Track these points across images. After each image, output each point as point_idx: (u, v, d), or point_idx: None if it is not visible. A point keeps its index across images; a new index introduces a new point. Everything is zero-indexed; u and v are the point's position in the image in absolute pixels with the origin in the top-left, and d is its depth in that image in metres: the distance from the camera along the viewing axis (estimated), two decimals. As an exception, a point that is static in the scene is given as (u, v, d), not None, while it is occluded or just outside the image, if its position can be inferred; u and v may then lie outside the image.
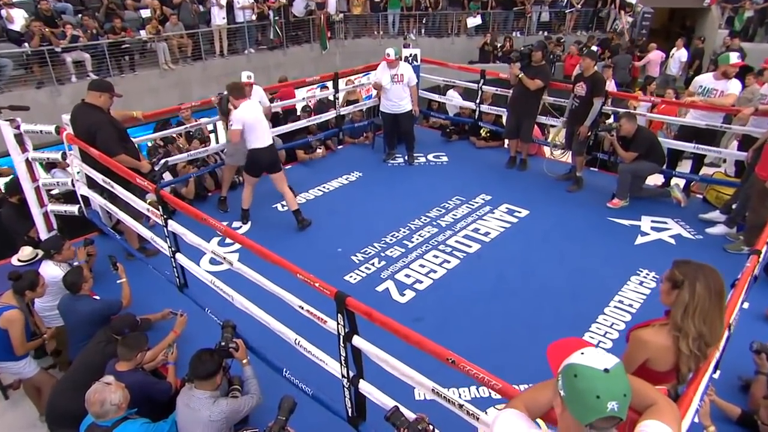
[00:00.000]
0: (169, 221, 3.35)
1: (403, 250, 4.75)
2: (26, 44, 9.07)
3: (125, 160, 4.01)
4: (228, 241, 4.82)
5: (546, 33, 13.10)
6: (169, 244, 3.45)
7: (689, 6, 14.22)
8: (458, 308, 3.94)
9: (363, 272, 4.44)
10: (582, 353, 1.31)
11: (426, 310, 3.91)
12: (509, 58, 5.93)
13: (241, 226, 5.15)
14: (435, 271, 4.44)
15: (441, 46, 13.59)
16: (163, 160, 4.63)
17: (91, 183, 4.33)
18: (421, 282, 4.31)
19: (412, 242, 4.89)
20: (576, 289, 4.16)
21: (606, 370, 1.26)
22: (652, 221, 5.13)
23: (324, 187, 6.07)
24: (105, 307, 3.67)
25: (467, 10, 13.62)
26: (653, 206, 5.38)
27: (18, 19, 9.24)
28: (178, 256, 3.46)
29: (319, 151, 6.83)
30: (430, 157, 6.87)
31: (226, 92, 4.90)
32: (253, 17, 11.71)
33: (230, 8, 11.49)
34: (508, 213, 5.38)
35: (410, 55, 7.14)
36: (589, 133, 5.54)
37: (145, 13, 10.93)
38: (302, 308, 2.55)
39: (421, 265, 4.53)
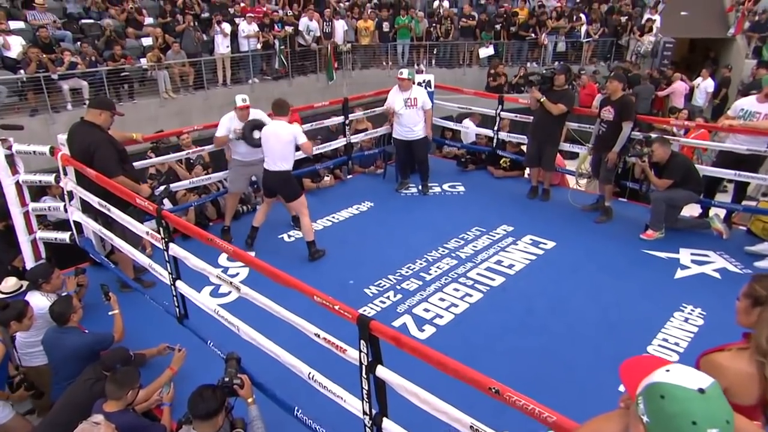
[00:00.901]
0: (171, 245, 3.27)
1: (421, 283, 4.65)
2: (21, 71, 9.29)
3: (124, 182, 3.98)
4: (232, 271, 4.78)
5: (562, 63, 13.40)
6: (170, 270, 3.35)
7: (713, 36, 14.56)
8: (485, 344, 3.79)
9: (377, 306, 4.33)
10: (667, 370, 1.17)
11: (449, 347, 3.69)
12: (530, 81, 5.98)
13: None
14: (456, 305, 4.32)
15: (452, 77, 13.84)
16: (163, 186, 4.60)
17: (86, 208, 4.30)
18: (442, 317, 4.18)
19: (430, 274, 4.79)
20: (614, 324, 4.02)
21: (701, 390, 1.12)
22: (692, 254, 5.02)
23: (333, 217, 6.03)
24: (95, 341, 3.56)
25: (479, 40, 13.95)
26: (692, 238, 5.28)
27: (15, 46, 9.50)
28: (179, 283, 3.36)
29: (327, 179, 6.82)
30: (446, 186, 6.87)
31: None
32: (258, 46, 12.02)
33: (234, 37, 11.82)
34: (532, 244, 5.31)
35: (424, 80, 7.23)
36: (618, 160, 5.50)
37: (147, 42, 11.25)
38: (318, 336, 2.43)
39: (441, 299, 4.41)
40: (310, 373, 2.56)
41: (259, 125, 5.13)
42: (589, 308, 4.25)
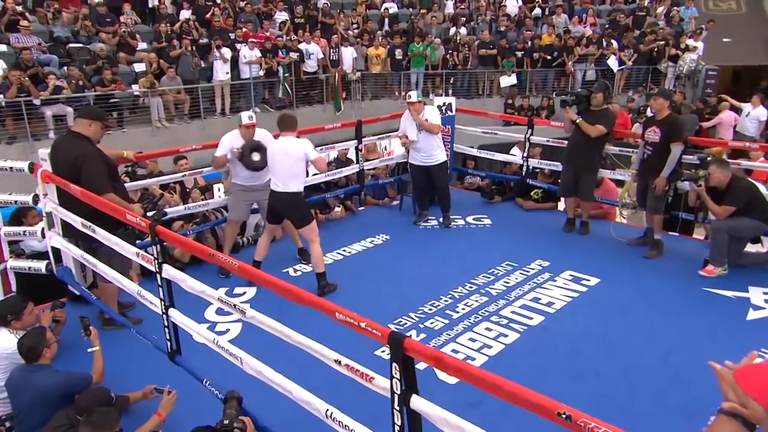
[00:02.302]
0: (164, 266, 3.15)
1: (447, 321, 4.49)
2: (0, 95, 9.45)
3: (114, 199, 3.91)
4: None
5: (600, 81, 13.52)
6: (162, 296, 3.22)
7: (761, 63, 14.71)
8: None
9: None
10: None
11: (484, 393, 3.55)
12: (564, 101, 5.97)
13: (244, 292, 4.96)
14: (490, 346, 4.14)
15: (471, 107, 13.99)
16: (158, 209, 4.53)
17: (67, 232, 4.23)
18: (474, 358, 3.99)
19: (457, 312, 4.65)
20: (678, 371, 3.81)
21: None
22: (765, 293, 4.83)
23: (344, 250, 5.95)
24: (69, 382, 3.39)
25: (501, 68, 14.18)
26: (762, 276, 5.10)
27: (-5, 70, 9.75)
28: (173, 312, 3.23)
29: (337, 210, 6.75)
30: (470, 219, 6.82)
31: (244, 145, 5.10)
32: (261, 73, 12.26)
33: (235, 63, 12.08)
34: (573, 281, 5.18)
35: (444, 104, 7.28)
36: (668, 187, 5.41)
37: (140, 68, 11.50)
38: (339, 363, 2.28)
39: (471, 339, 4.24)
40: (327, 410, 2.38)
41: (260, 147, 5.12)
42: (646, 351, 4.06)
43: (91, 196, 3.65)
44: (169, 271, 3.14)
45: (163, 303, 3.24)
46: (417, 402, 2.09)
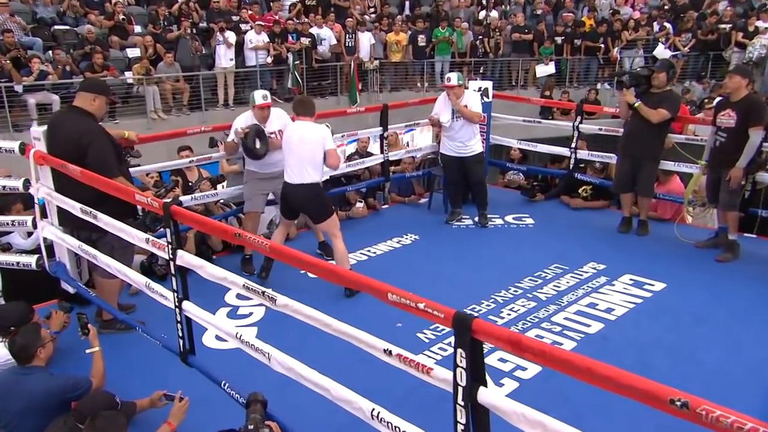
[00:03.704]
0: (179, 252, 3.12)
1: (491, 329, 4.42)
2: (-25, 81, 9.56)
3: (123, 184, 3.90)
4: (243, 311, 4.65)
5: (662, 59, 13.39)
6: (175, 287, 3.19)
7: None
8: (590, 402, 3.48)
9: (437, 354, 4.11)
10: None
11: (540, 404, 3.46)
12: (620, 82, 5.91)
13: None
14: (524, 368, 4.06)
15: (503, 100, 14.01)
16: (170, 195, 4.54)
17: (64, 220, 4.22)
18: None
19: (502, 318, 4.60)
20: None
21: None
22: None
23: (369, 250, 5.94)
24: (67, 386, 3.36)
25: (537, 56, 14.16)
26: None
27: (-31, 53, 9.85)
28: (187, 305, 3.19)
29: (359, 205, 6.71)
30: (509, 218, 6.80)
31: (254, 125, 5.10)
32: (269, 60, 12.31)
33: (240, 49, 12.15)
34: (634, 285, 5.11)
35: (480, 88, 7.24)
36: (745, 179, 5.30)
37: (134, 53, 11.60)
38: (390, 353, 2.22)
39: (501, 359, 4.16)
40: (373, 410, 2.32)
41: (262, 133, 5.11)
42: (730, 365, 3.97)
43: (93, 177, 3.63)
44: (185, 258, 3.10)
45: (176, 295, 3.20)
46: (486, 395, 2.02)
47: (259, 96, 5.24)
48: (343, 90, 13.69)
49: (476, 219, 6.63)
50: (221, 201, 6.01)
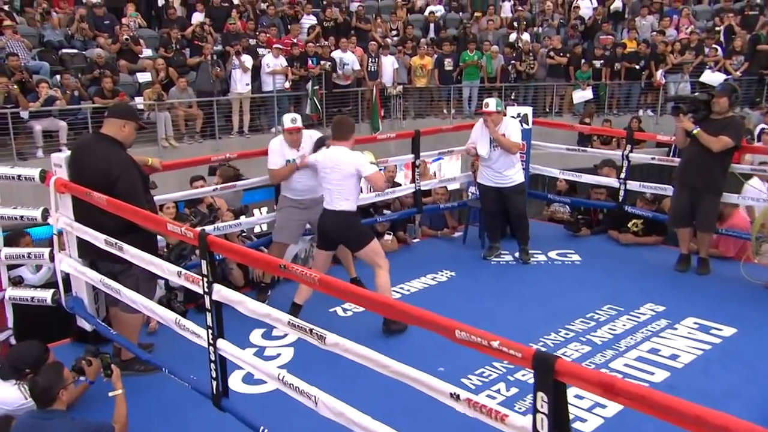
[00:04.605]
0: (215, 286, 3.14)
1: (543, 375, 4.37)
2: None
3: (154, 215, 3.96)
4: (271, 351, 4.68)
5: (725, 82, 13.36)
6: (209, 324, 3.20)
7: None
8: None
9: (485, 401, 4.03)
10: None
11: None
12: (677, 108, 5.92)
13: (285, 334, 4.91)
14: (603, 405, 3.99)
15: (536, 127, 14.06)
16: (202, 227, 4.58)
17: (83, 253, 4.27)
18: (585, 420, 3.86)
19: (555, 363, 4.53)
20: None
21: None
22: None
23: (401, 287, 5.95)
24: (89, 432, 3.38)
25: (573, 81, 14.25)
26: None
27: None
28: (222, 344, 3.19)
29: (387, 238, 6.71)
30: (553, 254, 6.81)
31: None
32: (287, 85, 12.52)
33: (256, 73, 12.37)
34: (700, 330, 5.05)
35: (519, 114, 7.29)
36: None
37: (144, 77, 11.86)
38: (457, 398, 2.20)
39: (578, 396, 4.08)
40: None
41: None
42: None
43: (121, 205, 3.68)
44: (222, 292, 3.12)
45: (210, 332, 3.20)
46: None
47: (288, 120, 5.35)
48: (365, 117, 13.85)
49: (517, 255, 6.62)
50: (243, 233, 6.06)
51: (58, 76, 10.92)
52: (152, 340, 4.83)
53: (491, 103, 6.35)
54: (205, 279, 3.16)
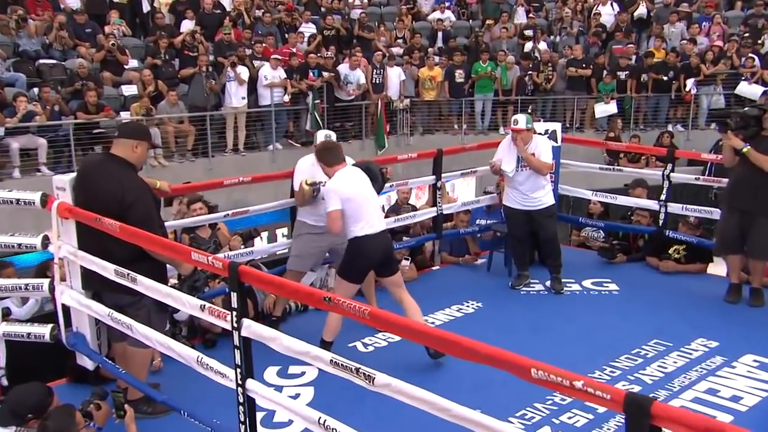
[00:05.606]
0: (244, 321, 3.15)
1: (591, 417, 4.37)
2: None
3: (175, 243, 3.99)
4: (289, 391, 4.67)
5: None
6: (238, 362, 3.21)
7: None
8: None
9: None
10: None
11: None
12: (725, 124, 5.98)
13: (303, 373, 4.92)
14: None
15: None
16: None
17: (87, 284, 4.27)
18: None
19: (605, 404, 4.52)
20: None
21: None
22: None
23: (426, 319, 5.89)
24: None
25: (596, 93, 14.36)
26: None
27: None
28: (252, 384, 3.19)
29: (405, 264, 6.69)
30: (588, 283, 6.82)
31: None
32: (286, 99, 12.59)
33: (252, 86, 12.46)
34: (760, 368, 5.05)
35: (547, 130, 7.36)
36: None
37: (129, 90, 11.89)
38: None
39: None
40: None
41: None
42: None
43: (136, 232, 3.70)
44: (252, 328, 3.12)
45: (239, 372, 3.21)
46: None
47: (322, 136, 5.42)
48: (369, 133, 13.96)
49: (548, 284, 6.63)
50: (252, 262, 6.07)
51: (35, 89, 10.95)
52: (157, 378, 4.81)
53: (521, 120, 6.38)
54: (235, 313, 3.17)
